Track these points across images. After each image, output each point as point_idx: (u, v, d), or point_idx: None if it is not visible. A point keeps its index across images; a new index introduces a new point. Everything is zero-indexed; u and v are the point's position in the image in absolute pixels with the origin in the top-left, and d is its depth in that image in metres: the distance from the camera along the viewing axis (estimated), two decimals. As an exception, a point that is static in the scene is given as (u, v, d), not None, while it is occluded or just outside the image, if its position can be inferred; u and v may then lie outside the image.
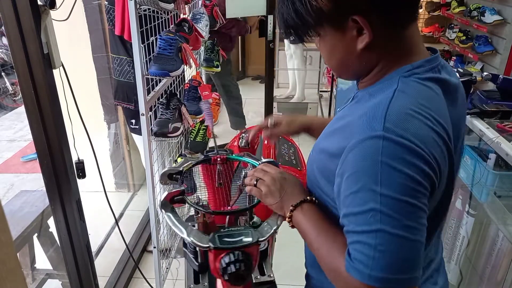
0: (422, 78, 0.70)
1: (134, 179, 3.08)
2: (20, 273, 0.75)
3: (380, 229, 0.61)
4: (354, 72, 0.78)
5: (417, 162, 0.62)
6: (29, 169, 3.45)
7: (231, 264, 0.76)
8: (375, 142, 0.63)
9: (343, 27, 0.69)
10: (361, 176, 0.63)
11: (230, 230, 0.82)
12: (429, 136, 0.65)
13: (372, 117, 0.65)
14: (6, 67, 4.57)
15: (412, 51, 0.73)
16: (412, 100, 0.67)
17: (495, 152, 1.49)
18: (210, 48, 2.60)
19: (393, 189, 0.61)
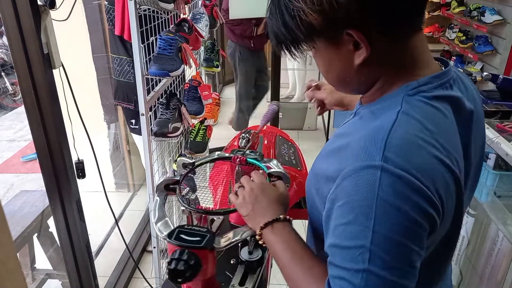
0: (429, 97, 0.64)
1: (134, 179, 3.08)
2: (20, 273, 0.75)
3: (367, 269, 0.56)
4: (354, 88, 0.72)
5: (418, 200, 0.56)
6: (29, 169, 3.45)
7: (173, 260, 0.75)
8: (372, 172, 0.57)
9: (337, 41, 0.64)
10: (354, 208, 0.58)
11: (193, 229, 0.81)
12: (435, 169, 0.59)
13: (371, 143, 0.59)
14: (6, 67, 4.58)
15: (417, 65, 0.66)
16: (417, 125, 0.60)
17: (495, 152, 1.49)
18: (210, 48, 2.60)
19: (387, 227, 0.56)
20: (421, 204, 0.56)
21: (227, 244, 0.80)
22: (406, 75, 0.66)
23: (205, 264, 0.78)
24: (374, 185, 0.56)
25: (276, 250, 0.74)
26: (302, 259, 0.70)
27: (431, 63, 0.69)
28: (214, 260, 0.82)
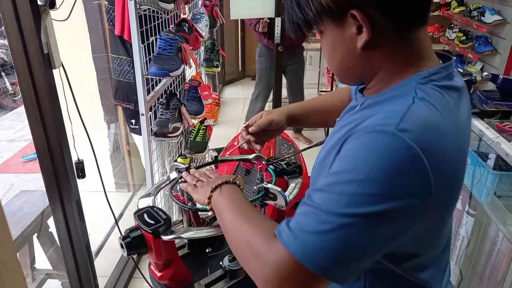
0: (440, 86, 0.65)
1: (134, 179, 3.08)
2: (20, 273, 0.75)
3: (339, 213, 0.56)
4: (356, 76, 0.73)
5: (417, 175, 0.56)
6: (29, 169, 3.45)
7: (126, 233, 0.82)
8: (382, 136, 0.57)
9: (342, 23, 0.65)
10: (352, 162, 0.58)
11: (158, 214, 0.85)
12: (442, 153, 0.59)
13: (387, 117, 0.60)
14: (6, 67, 4.57)
15: (422, 56, 0.68)
16: (434, 109, 0.61)
17: (495, 152, 1.49)
18: (210, 48, 2.60)
19: (375, 186, 0.56)
20: (419, 182, 0.56)
21: (173, 238, 0.82)
22: (413, 66, 0.67)
23: (150, 247, 0.82)
24: (380, 147, 0.56)
25: (223, 210, 0.74)
26: (251, 215, 0.70)
27: (434, 56, 0.70)
28: (163, 247, 0.83)
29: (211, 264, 0.98)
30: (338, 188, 0.58)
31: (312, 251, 0.57)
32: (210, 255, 1.02)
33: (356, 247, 0.57)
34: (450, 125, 0.62)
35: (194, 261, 1.00)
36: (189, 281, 0.92)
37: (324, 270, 0.57)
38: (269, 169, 1.04)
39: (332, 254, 0.56)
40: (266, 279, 0.60)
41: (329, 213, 0.57)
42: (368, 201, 0.56)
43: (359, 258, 0.58)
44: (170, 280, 0.88)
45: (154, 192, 1.00)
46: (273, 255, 0.60)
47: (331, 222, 0.57)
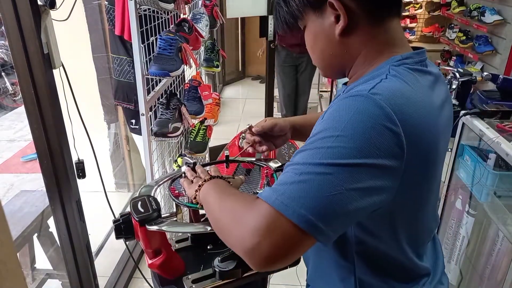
0: (412, 68, 0.70)
1: (134, 179, 3.08)
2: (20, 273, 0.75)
3: (314, 163, 0.59)
4: (337, 65, 0.77)
5: (389, 133, 0.59)
6: (29, 169, 3.45)
7: (119, 218, 0.86)
8: (356, 98, 0.62)
9: (322, 13, 0.72)
10: (328, 122, 0.62)
11: (151, 203, 0.87)
12: (412, 117, 0.62)
13: (361, 87, 0.65)
14: (6, 67, 4.57)
15: (396, 44, 0.73)
16: (404, 83, 0.66)
17: (495, 152, 1.49)
18: (210, 48, 2.60)
19: (350, 141, 0.58)
20: (392, 139, 0.60)
21: (155, 229, 0.84)
22: (387, 51, 0.72)
23: (137, 235, 0.85)
24: (354, 106, 0.61)
25: (209, 200, 0.76)
26: (235, 193, 0.73)
27: (407, 45, 0.76)
28: (149, 236, 0.86)
29: (207, 261, 0.98)
30: (315, 144, 0.61)
31: (290, 198, 0.57)
32: (209, 252, 1.02)
33: (333, 198, 0.57)
34: (421, 98, 0.66)
35: (193, 255, 1.01)
36: (180, 273, 0.94)
37: (303, 219, 0.56)
38: (274, 175, 1.04)
39: (310, 202, 0.57)
40: (247, 237, 0.58)
41: (307, 164, 0.59)
42: (344, 153, 0.58)
43: (337, 211, 0.58)
44: (158, 269, 0.90)
45: (159, 182, 1.02)
46: (252, 211, 0.60)
47: (308, 172, 0.59)
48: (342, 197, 0.57)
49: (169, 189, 0.99)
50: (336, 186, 0.57)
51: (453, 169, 1.79)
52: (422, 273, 0.81)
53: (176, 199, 0.95)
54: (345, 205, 0.58)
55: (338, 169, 0.58)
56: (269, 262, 0.58)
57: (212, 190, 0.78)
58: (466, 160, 1.72)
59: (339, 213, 0.58)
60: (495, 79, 1.85)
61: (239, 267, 0.92)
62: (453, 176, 1.81)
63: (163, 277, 0.93)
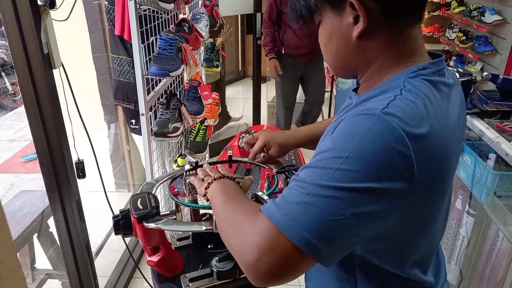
0: (428, 80, 0.67)
1: (134, 179, 3.08)
2: (20, 273, 0.75)
3: (321, 184, 0.57)
4: (350, 67, 0.74)
5: (399, 157, 0.57)
6: (29, 169, 3.45)
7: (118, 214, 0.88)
8: (368, 118, 0.59)
9: (341, 11, 0.68)
10: (338, 141, 0.60)
11: (150, 201, 0.88)
12: (425, 138, 0.60)
13: (374, 104, 0.62)
14: (6, 67, 4.57)
15: (414, 52, 0.70)
16: (420, 98, 0.62)
17: (495, 152, 1.49)
18: (210, 48, 2.60)
19: (358, 164, 0.56)
20: (400, 160, 0.57)
21: (152, 226, 0.85)
22: (404, 61, 0.69)
23: (135, 231, 0.86)
24: (365, 127, 0.58)
25: (216, 201, 0.76)
26: (241, 199, 0.73)
27: (426, 54, 0.72)
28: (148, 233, 0.86)
29: (206, 260, 0.99)
30: (323, 163, 0.59)
31: (294, 220, 0.56)
32: (210, 251, 1.02)
33: (337, 222, 0.56)
34: (436, 115, 0.63)
35: (193, 254, 1.02)
36: (179, 271, 0.95)
37: (305, 242, 0.56)
38: (275, 176, 1.04)
39: (314, 225, 0.56)
40: (247, 252, 0.58)
41: (314, 185, 0.58)
42: (352, 176, 0.56)
43: (342, 235, 0.57)
44: (157, 266, 0.91)
45: (159, 180, 1.03)
46: (256, 226, 0.60)
47: (315, 194, 0.57)
48: (348, 222, 0.57)
49: (169, 188, 0.99)
50: (342, 210, 0.56)
51: (453, 169, 1.79)
52: (425, 286, 0.79)
53: (175, 198, 0.95)
54: (350, 229, 0.57)
55: (345, 193, 0.56)
56: (267, 279, 0.58)
57: (218, 190, 0.79)
58: (466, 160, 1.72)
59: (344, 236, 0.58)
60: (495, 79, 1.85)
61: (236, 268, 0.92)
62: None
63: (161, 274, 0.94)
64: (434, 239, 0.77)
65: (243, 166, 1.11)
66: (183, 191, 1.01)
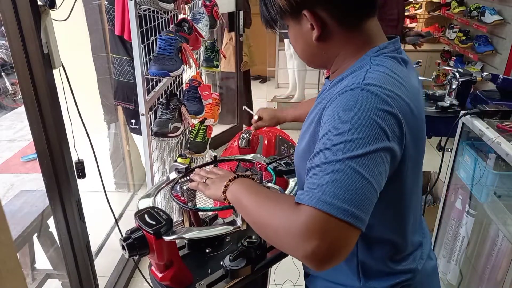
0: (390, 56, 0.76)
1: (134, 179, 3.08)
2: (20, 273, 0.75)
3: (339, 159, 0.63)
4: (318, 62, 0.84)
5: (389, 116, 0.66)
6: (29, 169, 3.45)
7: (127, 235, 0.82)
8: (353, 92, 0.68)
9: (299, 20, 0.78)
10: (335, 119, 0.67)
11: (159, 214, 0.85)
12: (402, 97, 0.70)
13: (351, 81, 0.71)
14: (6, 67, 4.57)
15: (373, 40, 0.78)
16: (387, 70, 0.72)
17: (495, 152, 1.49)
18: (210, 48, 2.60)
19: (360, 131, 0.64)
20: (391, 119, 0.66)
21: (174, 238, 0.82)
22: (366, 47, 0.78)
23: (152, 248, 0.82)
24: (353, 100, 0.67)
25: (242, 197, 0.78)
26: (270, 194, 0.76)
27: (384, 37, 0.81)
28: (164, 248, 0.83)
29: (212, 264, 0.98)
30: (332, 142, 0.65)
31: (332, 197, 0.61)
32: (210, 255, 1.02)
33: (365, 187, 0.62)
34: (404, 80, 0.73)
35: (194, 261, 1.00)
36: (190, 282, 0.92)
37: (349, 214, 0.60)
38: (268, 168, 1.04)
39: (350, 197, 0.61)
40: (304, 244, 0.61)
41: (333, 162, 0.63)
42: (361, 143, 0.63)
43: (371, 198, 0.63)
44: (171, 281, 0.88)
45: (154, 192, 1.00)
46: (300, 217, 0.62)
47: (337, 170, 0.62)
48: (371, 184, 0.63)
49: (175, 197, 0.96)
50: (364, 175, 0.62)
51: (453, 169, 1.79)
52: (415, 248, 0.88)
53: (186, 205, 0.93)
54: (375, 190, 0.64)
55: (361, 160, 0.63)
56: (328, 261, 0.61)
57: (240, 190, 0.80)
58: (466, 160, 1.72)
59: (373, 198, 0.64)
60: (495, 79, 1.85)
61: (249, 264, 0.92)
62: (453, 176, 1.80)
63: None
64: (420, 194, 0.89)
65: (242, 166, 1.11)
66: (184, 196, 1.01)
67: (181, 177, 1.02)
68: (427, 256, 0.92)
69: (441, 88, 2.59)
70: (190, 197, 0.97)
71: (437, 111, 1.96)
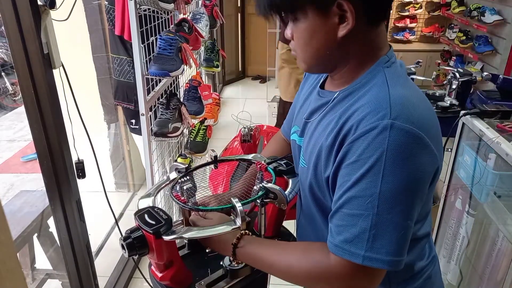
0: (397, 62, 0.76)
1: (134, 179, 3.08)
2: (20, 273, 0.75)
3: (376, 213, 0.64)
4: (329, 63, 0.77)
5: (422, 154, 0.65)
6: (29, 169, 3.45)
7: (127, 235, 0.81)
8: (383, 130, 0.64)
9: (327, 11, 0.69)
10: (366, 163, 0.64)
11: (158, 213, 0.84)
12: (430, 120, 0.69)
13: (377, 107, 0.66)
14: (6, 67, 4.57)
15: (381, 45, 0.76)
16: (405, 86, 0.71)
17: (495, 152, 1.49)
18: (210, 48, 2.60)
19: (396, 178, 0.63)
20: (426, 157, 0.65)
21: (174, 238, 0.82)
22: (376, 54, 0.75)
23: (151, 248, 0.81)
24: (384, 141, 0.63)
25: (260, 251, 0.80)
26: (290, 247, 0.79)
27: (387, 43, 0.80)
28: (164, 247, 0.83)
29: (211, 264, 0.98)
30: (366, 192, 0.65)
31: (374, 251, 0.64)
32: (210, 255, 1.02)
33: (404, 233, 0.65)
34: (418, 93, 0.72)
35: (194, 261, 1.00)
36: (190, 282, 0.92)
37: (391, 263, 0.65)
38: (268, 168, 1.04)
39: (392, 247, 0.64)
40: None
41: (371, 215, 0.64)
42: (395, 192, 0.63)
43: (408, 236, 0.67)
44: (171, 281, 0.88)
45: (154, 192, 1.00)
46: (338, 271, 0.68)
47: (378, 223, 0.64)
48: (408, 228, 0.66)
49: (175, 197, 0.95)
50: (403, 223, 0.65)
51: (453, 169, 1.79)
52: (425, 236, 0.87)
53: (186, 205, 0.92)
54: (411, 230, 0.67)
55: (398, 210, 0.64)
56: None
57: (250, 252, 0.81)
58: (466, 160, 1.72)
59: (410, 234, 0.68)
60: (495, 79, 1.85)
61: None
62: (453, 176, 1.80)
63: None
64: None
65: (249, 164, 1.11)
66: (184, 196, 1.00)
67: (181, 177, 1.02)
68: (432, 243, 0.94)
69: (441, 88, 2.59)
70: (189, 196, 0.97)
71: (437, 111, 1.96)
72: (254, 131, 1.59)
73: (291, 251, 0.77)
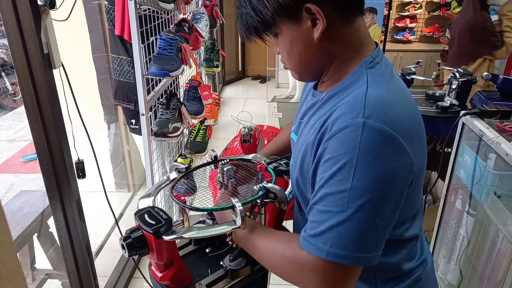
0: (381, 63, 0.76)
1: (134, 179, 3.08)
2: (20, 273, 0.75)
3: (345, 210, 0.65)
4: (315, 68, 0.79)
5: (394, 154, 0.65)
6: (29, 169, 3.45)
7: (127, 234, 0.82)
8: (355, 129, 0.65)
9: (298, 18, 0.71)
10: (338, 161, 0.66)
11: (158, 213, 0.85)
12: (407, 120, 0.68)
13: (352, 106, 0.68)
14: (6, 67, 4.57)
15: (365, 42, 0.76)
16: (385, 88, 0.70)
17: (495, 152, 1.49)
18: (210, 48, 2.60)
19: (366, 176, 0.64)
20: (398, 155, 0.65)
21: (174, 238, 0.82)
22: (359, 53, 0.76)
23: (151, 248, 0.82)
24: (356, 140, 0.64)
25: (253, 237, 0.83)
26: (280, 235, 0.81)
27: (371, 39, 0.79)
28: (164, 247, 0.83)
29: (212, 264, 0.98)
30: (336, 188, 0.66)
31: (341, 248, 0.65)
32: (210, 255, 1.02)
33: (374, 229, 0.66)
34: (400, 93, 0.72)
35: (194, 261, 1.00)
36: (190, 281, 0.92)
37: (359, 259, 0.66)
38: (268, 168, 1.04)
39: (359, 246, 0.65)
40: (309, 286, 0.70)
41: (340, 212, 0.65)
42: (364, 189, 0.64)
43: (380, 234, 0.68)
44: (171, 281, 0.88)
45: (154, 192, 1.00)
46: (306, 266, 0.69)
47: (346, 220, 0.65)
48: (378, 226, 0.66)
49: (175, 197, 0.95)
50: (372, 221, 0.65)
51: (453, 169, 1.79)
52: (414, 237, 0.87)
53: (186, 205, 0.93)
54: (386, 228, 0.68)
55: (366, 207, 0.64)
56: None
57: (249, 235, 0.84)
58: (466, 160, 1.72)
59: (385, 233, 0.68)
60: (495, 79, 1.85)
61: (249, 264, 0.92)
62: (453, 176, 1.80)
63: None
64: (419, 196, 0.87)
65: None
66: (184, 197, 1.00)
67: (181, 177, 1.02)
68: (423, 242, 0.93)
69: (441, 88, 2.59)
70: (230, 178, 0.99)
71: (437, 111, 1.96)
72: (254, 131, 1.60)
73: (278, 238, 0.80)
